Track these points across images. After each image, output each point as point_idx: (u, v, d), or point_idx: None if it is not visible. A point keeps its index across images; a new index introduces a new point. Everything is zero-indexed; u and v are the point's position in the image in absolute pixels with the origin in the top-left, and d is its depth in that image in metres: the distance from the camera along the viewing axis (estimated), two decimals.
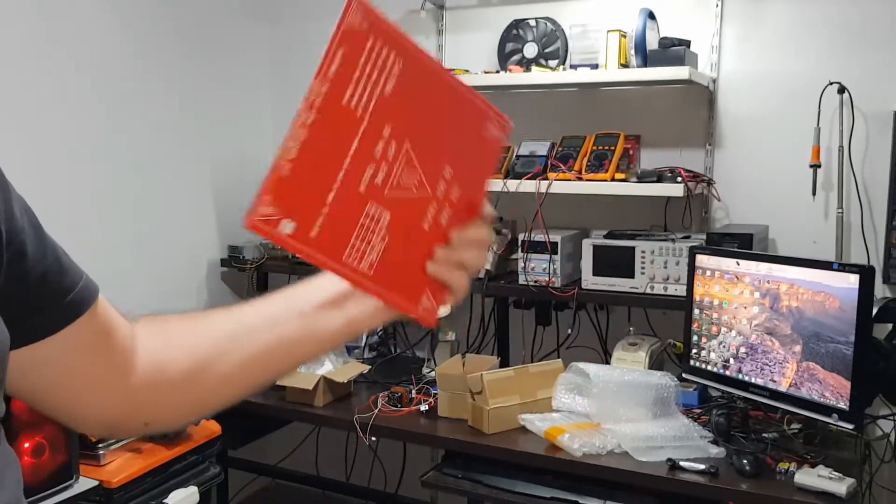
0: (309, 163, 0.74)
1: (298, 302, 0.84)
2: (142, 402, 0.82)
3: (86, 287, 0.78)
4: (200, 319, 0.86)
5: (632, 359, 2.47)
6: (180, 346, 0.83)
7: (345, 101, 0.72)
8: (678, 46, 2.50)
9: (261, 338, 0.83)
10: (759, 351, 2.16)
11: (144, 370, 0.81)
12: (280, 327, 0.83)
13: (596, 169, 2.54)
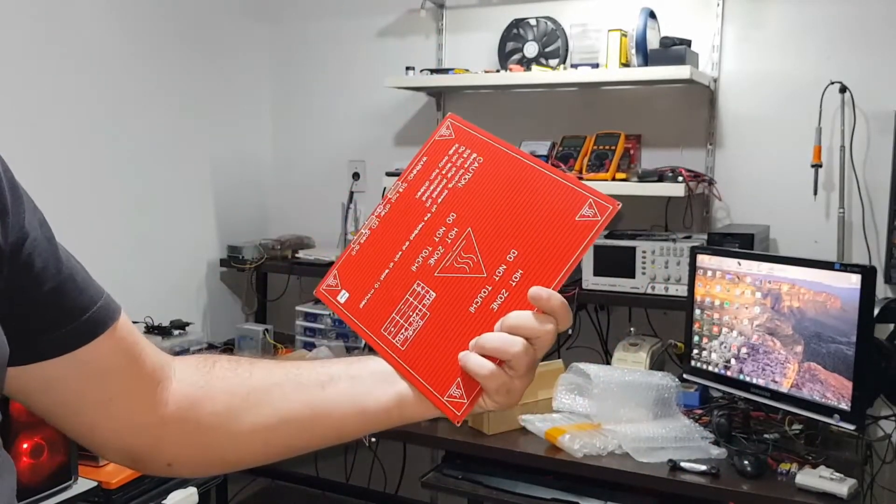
0: (375, 245, 0.82)
1: (354, 368, 0.80)
2: (167, 438, 0.78)
3: (105, 308, 0.75)
4: (249, 364, 0.81)
5: (632, 359, 2.47)
6: (221, 386, 0.79)
7: (418, 195, 0.81)
8: (679, 46, 2.49)
9: (305, 396, 0.78)
10: (761, 351, 2.16)
11: (177, 404, 0.77)
12: (328, 389, 0.78)
13: (597, 169, 2.53)
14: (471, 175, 0.78)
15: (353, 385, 0.78)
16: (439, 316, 0.76)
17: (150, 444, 0.78)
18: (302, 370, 0.80)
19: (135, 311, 2.79)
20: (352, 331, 2.96)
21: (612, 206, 0.72)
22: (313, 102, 3.42)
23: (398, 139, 3.26)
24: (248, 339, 2.96)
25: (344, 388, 0.78)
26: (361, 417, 0.78)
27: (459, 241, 0.77)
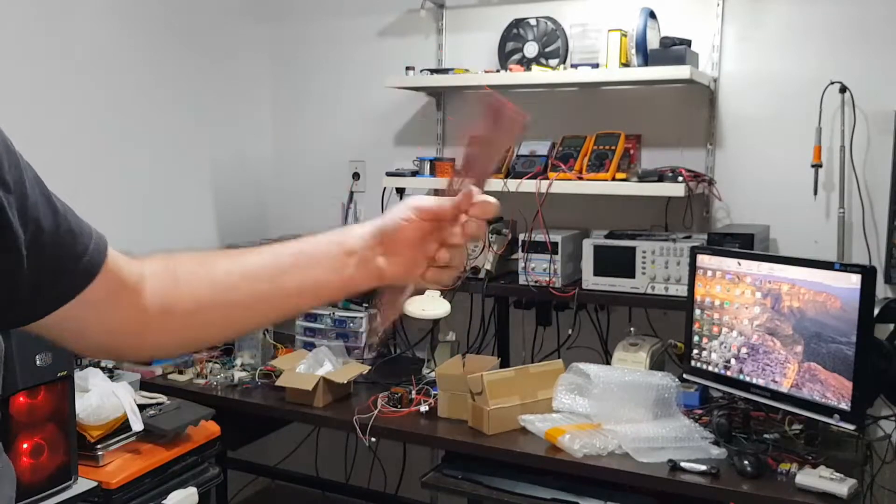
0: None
1: (305, 259, 0.94)
2: (149, 335, 0.89)
3: (96, 248, 0.84)
4: (207, 262, 0.93)
5: (632, 359, 2.47)
6: (187, 287, 0.89)
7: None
8: (679, 46, 2.49)
9: (263, 287, 0.91)
10: (761, 351, 2.16)
11: (153, 309, 0.87)
12: (280, 280, 0.92)
13: (596, 169, 2.53)
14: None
15: (308, 276, 0.93)
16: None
17: (135, 343, 0.91)
18: (253, 264, 0.93)
19: None
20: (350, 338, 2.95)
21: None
22: (313, 102, 3.42)
23: (398, 139, 3.25)
24: (247, 338, 2.95)
25: (296, 280, 0.93)
26: (312, 301, 0.98)
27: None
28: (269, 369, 2.75)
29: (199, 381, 2.72)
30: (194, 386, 2.69)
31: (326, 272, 0.93)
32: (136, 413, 2.24)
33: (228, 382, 2.71)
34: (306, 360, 2.67)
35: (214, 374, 2.76)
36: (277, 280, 0.92)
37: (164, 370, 2.76)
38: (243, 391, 2.67)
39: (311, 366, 2.64)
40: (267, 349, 2.93)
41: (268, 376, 2.73)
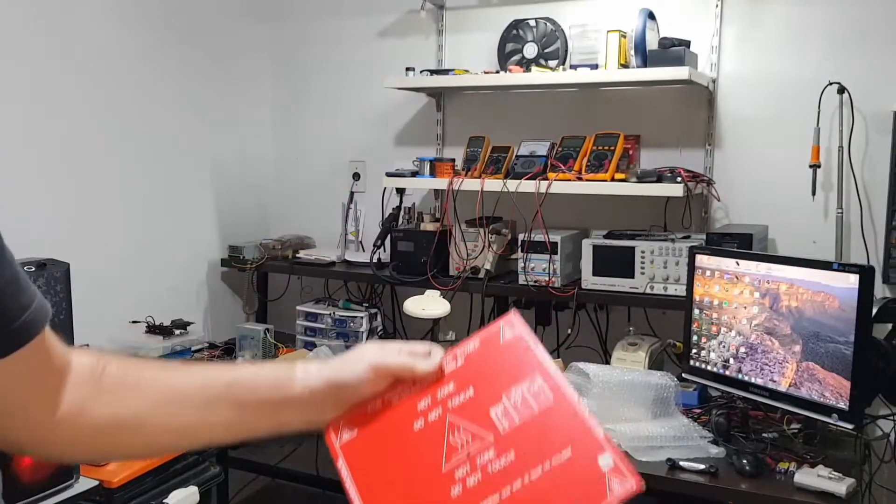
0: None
1: (237, 392, 0.84)
2: (56, 438, 0.79)
3: (37, 312, 0.73)
4: (138, 371, 0.84)
5: (632, 359, 2.47)
6: (108, 396, 0.80)
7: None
8: (678, 47, 2.50)
9: (188, 414, 0.83)
10: (759, 351, 2.16)
11: (67, 407, 0.78)
12: (209, 411, 0.83)
13: (596, 169, 2.54)
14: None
15: (233, 412, 0.84)
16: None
17: (35, 437, 0.79)
18: (187, 384, 0.84)
19: (136, 310, 2.82)
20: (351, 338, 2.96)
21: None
22: (314, 103, 3.43)
23: (398, 139, 3.26)
24: (248, 338, 2.97)
25: (224, 413, 0.84)
26: (242, 436, 0.87)
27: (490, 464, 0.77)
28: None
29: None
30: None
31: (261, 413, 0.85)
32: None
33: None
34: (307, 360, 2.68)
35: None
36: (207, 409, 0.83)
37: None
38: None
39: None
40: (268, 349, 2.94)
41: None
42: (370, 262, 2.93)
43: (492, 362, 0.84)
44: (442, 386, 0.83)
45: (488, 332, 0.87)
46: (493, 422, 0.78)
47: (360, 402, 0.85)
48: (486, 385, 0.82)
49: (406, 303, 2.73)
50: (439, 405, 0.82)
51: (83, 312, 2.29)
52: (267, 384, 0.85)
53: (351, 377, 0.84)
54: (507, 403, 0.79)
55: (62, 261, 2.15)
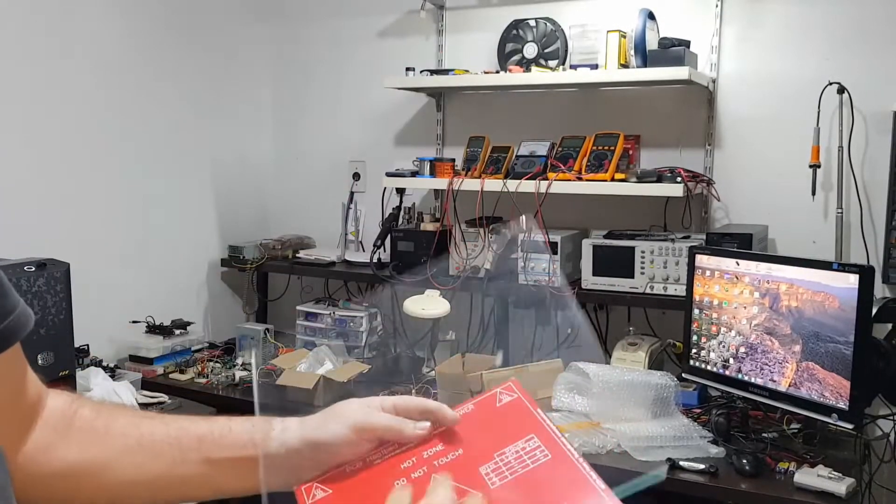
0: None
1: (210, 446, 0.81)
2: (17, 475, 0.74)
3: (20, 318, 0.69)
4: (110, 417, 0.81)
5: (631, 359, 2.48)
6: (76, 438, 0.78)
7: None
8: (678, 47, 2.50)
9: (154, 469, 0.79)
10: (759, 351, 2.16)
11: (34, 446, 0.76)
12: (180, 466, 0.80)
13: (596, 169, 2.54)
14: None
15: (205, 468, 0.80)
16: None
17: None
18: (156, 436, 0.80)
19: (136, 310, 2.82)
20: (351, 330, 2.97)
21: None
22: (313, 103, 3.43)
23: (398, 139, 3.26)
24: (248, 338, 2.97)
25: (196, 471, 0.80)
26: (210, 493, 0.82)
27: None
28: (270, 368, 2.75)
29: (200, 380, 2.73)
30: (195, 385, 2.70)
31: (233, 470, 0.80)
32: None
33: (229, 381, 2.72)
34: (307, 360, 2.68)
35: (215, 374, 2.77)
36: (177, 463, 0.79)
37: (165, 369, 2.77)
38: (244, 390, 2.68)
39: (312, 365, 2.65)
40: (268, 348, 2.94)
41: (268, 375, 2.73)
42: (370, 262, 2.93)
43: (485, 424, 0.80)
44: (429, 447, 0.77)
45: (484, 397, 0.83)
46: (483, 479, 0.74)
47: (340, 462, 0.79)
48: (476, 444, 0.77)
49: (406, 303, 2.73)
50: (424, 464, 0.76)
51: (83, 312, 2.29)
52: (241, 440, 0.80)
53: (331, 438, 0.78)
54: (499, 461, 0.75)
55: (62, 261, 2.15)
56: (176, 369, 2.79)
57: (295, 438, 0.79)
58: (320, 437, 0.78)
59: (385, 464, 0.77)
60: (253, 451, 0.79)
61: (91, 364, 2.51)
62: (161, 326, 2.82)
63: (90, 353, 2.54)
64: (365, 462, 0.78)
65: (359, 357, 2.91)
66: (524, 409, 0.80)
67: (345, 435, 0.77)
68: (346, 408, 0.80)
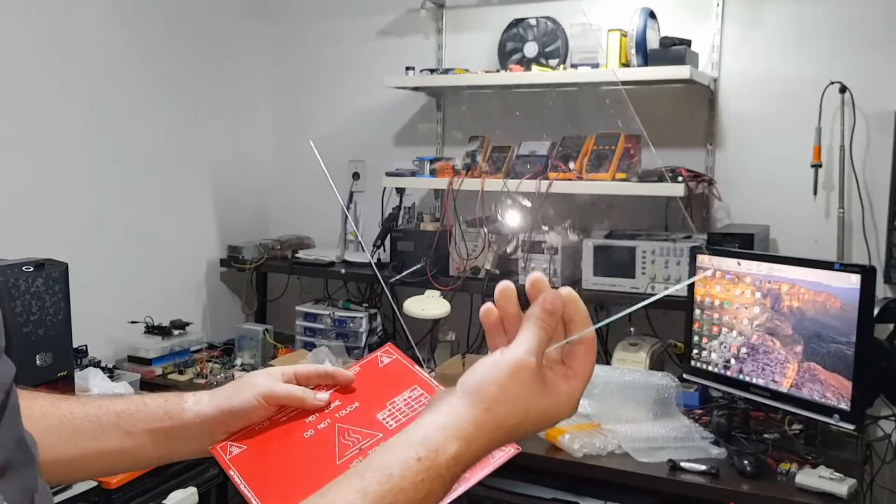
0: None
1: (128, 421, 0.85)
2: None
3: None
4: (30, 400, 0.84)
5: (632, 359, 2.47)
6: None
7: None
8: (679, 46, 2.49)
9: (76, 445, 0.83)
10: (760, 351, 2.16)
11: None
12: (100, 441, 0.84)
13: (596, 169, 2.53)
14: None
15: (127, 441, 0.85)
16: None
17: None
18: (76, 414, 0.85)
19: (135, 310, 2.81)
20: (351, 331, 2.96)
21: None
22: (313, 102, 3.42)
23: (398, 139, 3.26)
24: (247, 338, 2.96)
25: (117, 443, 0.85)
26: (133, 464, 0.90)
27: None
28: None
29: (199, 380, 2.72)
30: (195, 385, 2.69)
31: (151, 441, 0.85)
32: None
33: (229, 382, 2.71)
34: (306, 360, 2.67)
35: (214, 374, 2.76)
36: (98, 438, 0.84)
37: (164, 370, 2.76)
38: None
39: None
40: (267, 349, 2.93)
41: None
42: (370, 262, 2.92)
43: (373, 381, 0.90)
44: (328, 405, 0.88)
45: (367, 360, 0.93)
46: (381, 423, 0.84)
47: (250, 424, 0.86)
48: (369, 397, 0.88)
49: (406, 303, 2.73)
50: (327, 417, 0.86)
51: (82, 312, 2.29)
52: (157, 413, 0.86)
53: (241, 404, 0.85)
54: (391, 408, 0.86)
55: (61, 261, 2.14)
56: (175, 370, 2.78)
57: (208, 407, 0.86)
58: (233, 405, 0.85)
59: (291, 422, 0.86)
60: (169, 422, 0.85)
61: (89, 364, 2.50)
62: (160, 327, 2.81)
63: (89, 353, 2.53)
64: (272, 421, 0.86)
65: (358, 357, 2.91)
66: (404, 367, 0.91)
67: (254, 401, 0.85)
68: (253, 378, 0.88)
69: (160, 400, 0.87)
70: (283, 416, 0.87)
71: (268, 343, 2.94)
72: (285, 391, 0.86)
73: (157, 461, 0.89)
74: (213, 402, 0.86)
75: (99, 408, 0.86)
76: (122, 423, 0.85)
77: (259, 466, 0.82)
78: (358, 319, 2.97)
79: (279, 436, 0.85)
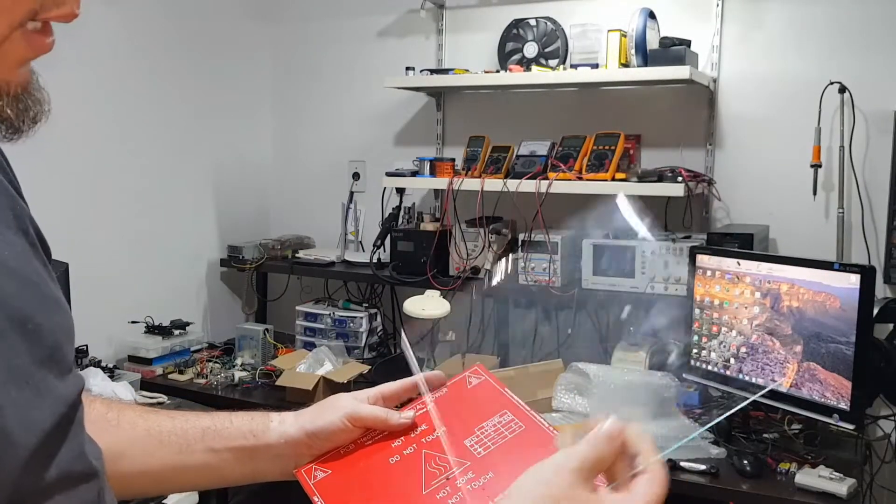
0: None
1: (212, 439, 0.86)
2: None
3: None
4: (120, 411, 0.85)
5: (632, 359, 2.47)
6: (92, 429, 0.78)
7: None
8: (678, 46, 2.49)
9: (160, 458, 0.84)
10: (760, 351, 2.16)
11: None
12: (185, 455, 0.85)
13: (596, 169, 2.54)
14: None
15: (211, 458, 0.85)
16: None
17: None
18: (163, 428, 0.86)
19: (135, 310, 2.81)
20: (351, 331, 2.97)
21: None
22: (314, 103, 3.42)
23: (398, 139, 3.26)
24: (248, 338, 2.96)
25: (201, 459, 0.85)
26: (216, 482, 0.89)
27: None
28: (270, 369, 2.75)
29: (199, 380, 2.73)
30: (195, 385, 2.69)
31: (236, 458, 0.86)
32: None
33: (229, 382, 2.72)
34: (306, 360, 2.68)
35: (215, 374, 2.76)
36: (183, 452, 0.85)
37: (164, 370, 2.77)
38: (244, 391, 2.68)
39: (312, 365, 2.65)
40: (267, 349, 2.94)
41: (268, 376, 2.73)
42: (370, 262, 2.92)
43: (461, 404, 0.87)
44: (414, 428, 0.85)
45: (455, 380, 0.91)
46: (469, 450, 0.81)
47: (334, 447, 0.86)
48: (457, 422, 0.85)
49: (406, 303, 2.73)
50: (413, 442, 0.84)
51: (82, 312, 2.28)
52: (242, 431, 0.86)
53: (326, 425, 0.85)
54: (480, 434, 0.82)
55: (61, 261, 2.14)
56: (175, 370, 2.78)
57: (293, 428, 0.86)
58: (317, 425, 0.85)
59: (377, 445, 0.84)
60: (253, 440, 0.86)
61: (90, 364, 2.51)
62: (160, 327, 2.81)
63: (89, 353, 2.53)
64: (357, 444, 0.85)
65: (358, 357, 2.91)
66: (493, 389, 0.88)
67: (339, 423, 0.84)
68: (337, 400, 0.88)
69: (246, 418, 0.88)
70: (369, 440, 0.85)
71: (268, 343, 2.95)
72: (370, 412, 0.85)
73: (241, 480, 0.89)
74: (297, 423, 0.86)
75: (186, 422, 0.86)
76: (208, 439, 0.86)
77: (343, 493, 0.81)
78: (358, 319, 2.97)
79: (364, 460, 0.83)
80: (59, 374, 0.59)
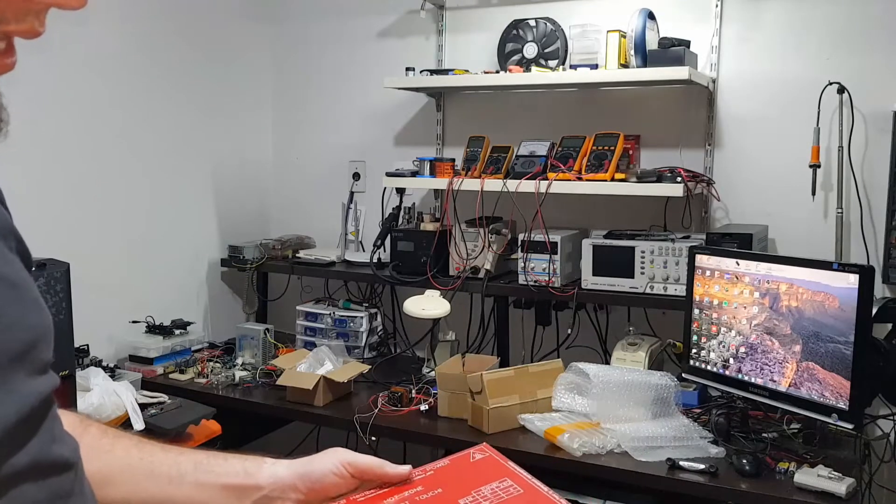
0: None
1: (204, 473, 0.86)
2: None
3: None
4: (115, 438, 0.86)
5: (631, 359, 2.47)
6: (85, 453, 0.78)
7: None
8: (678, 46, 2.50)
9: (149, 488, 0.84)
10: (759, 351, 2.16)
11: None
12: (174, 487, 0.85)
13: (596, 169, 2.54)
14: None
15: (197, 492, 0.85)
16: None
17: None
18: (156, 458, 0.86)
19: (136, 310, 2.82)
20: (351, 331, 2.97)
21: None
22: (314, 103, 3.43)
23: (398, 139, 3.26)
24: (248, 338, 2.97)
25: (188, 492, 0.85)
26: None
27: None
28: (270, 368, 2.76)
29: (200, 380, 2.73)
30: (195, 385, 2.70)
31: (225, 496, 0.86)
32: (137, 412, 2.25)
33: (229, 381, 2.72)
34: (307, 360, 2.68)
35: (215, 374, 2.76)
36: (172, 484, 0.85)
37: (165, 369, 2.77)
38: (244, 390, 2.68)
39: (312, 365, 2.65)
40: (268, 348, 2.94)
41: (268, 375, 2.73)
42: (370, 262, 2.93)
43: (461, 472, 0.88)
44: (410, 487, 0.85)
45: (458, 455, 0.91)
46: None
47: (326, 498, 0.85)
48: (454, 484, 0.84)
49: (406, 303, 2.73)
50: (407, 500, 0.83)
51: (83, 312, 2.29)
52: (235, 468, 0.87)
53: (316, 468, 0.86)
54: (476, 495, 0.82)
55: (62, 261, 2.15)
56: (176, 369, 2.79)
57: (285, 471, 0.86)
58: (307, 469, 0.86)
59: (369, 500, 0.83)
60: (244, 479, 0.86)
61: (91, 364, 2.51)
62: (161, 326, 2.82)
63: (90, 352, 2.54)
64: (349, 501, 0.84)
65: (359, 357, 2.92)
66: (497, 463, 0.88)
67: (332, 466, 0.85)
68: (334, 450, 0.89)
69: (242, 458, 0.89)
70: (361, 497, 0.84)
71: (268, 343, 2.95)
72: (366, 460, 0.86)
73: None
74: (290, 466, 0.87)
75: (179, 454, 0.87)
76: (199, 472, 0.86)
77: None
78: (358, 319, 2.98)
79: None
80: (31, 372, 0.59)
